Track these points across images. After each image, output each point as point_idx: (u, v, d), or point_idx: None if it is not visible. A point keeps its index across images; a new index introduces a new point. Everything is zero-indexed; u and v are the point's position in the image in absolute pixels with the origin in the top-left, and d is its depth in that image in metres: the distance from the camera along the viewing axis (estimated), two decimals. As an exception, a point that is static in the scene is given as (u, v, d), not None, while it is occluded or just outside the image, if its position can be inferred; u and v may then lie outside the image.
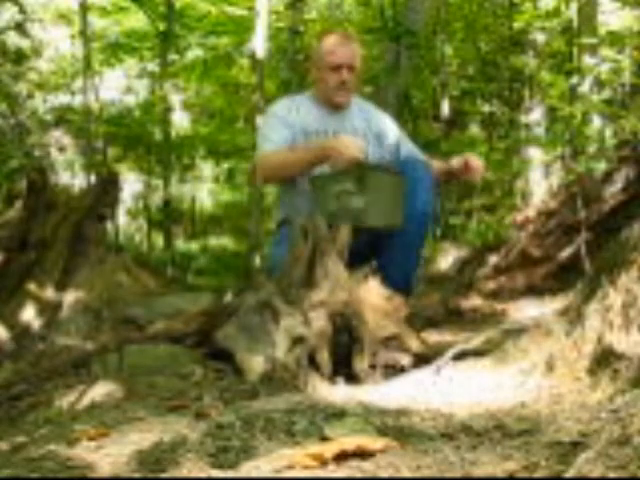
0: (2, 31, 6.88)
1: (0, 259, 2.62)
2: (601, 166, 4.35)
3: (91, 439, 1.32)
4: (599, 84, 5.20)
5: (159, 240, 9.87)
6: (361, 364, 1.97)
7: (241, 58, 10.18)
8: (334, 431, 1.25)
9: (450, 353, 1.90)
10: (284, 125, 2.80)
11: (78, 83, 8.58)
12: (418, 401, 1.59)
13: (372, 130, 2.90)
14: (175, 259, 8.41)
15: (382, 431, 1.28)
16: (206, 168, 12.76)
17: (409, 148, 2.98)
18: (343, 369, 1.96)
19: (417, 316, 2.88)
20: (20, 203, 2.72)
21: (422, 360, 2.01)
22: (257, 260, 6.30)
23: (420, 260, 2.87)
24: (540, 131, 7.40)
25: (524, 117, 7.67)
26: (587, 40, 5.15)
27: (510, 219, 5.36)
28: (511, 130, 7.89)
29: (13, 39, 7.19)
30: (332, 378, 1.91)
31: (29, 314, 2.45)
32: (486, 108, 8.46)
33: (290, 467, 1.09)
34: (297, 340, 1.92)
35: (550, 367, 1.58)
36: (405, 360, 2.03)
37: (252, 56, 7.12)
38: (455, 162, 2.83)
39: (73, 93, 9.11)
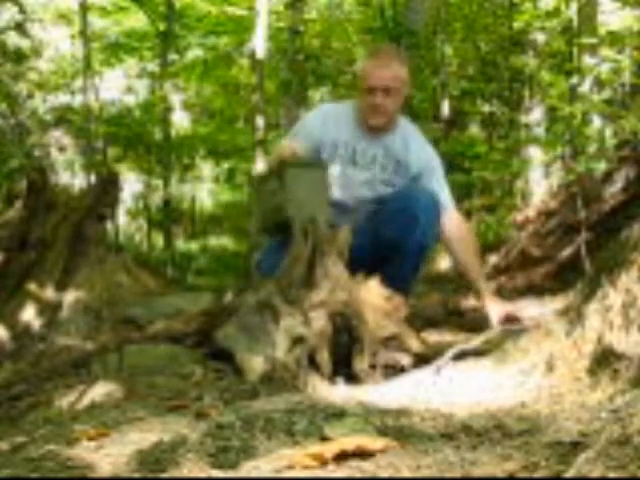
0: (2, 31, 6.88)
1: (0, 259, 2.62)
2: (601, 166, 4.35)
3: (91, 439, 1.32)
4: (599, 84, 5.20)
5: (159, 240, 9.87)
6: (361, 364, 1.96)
7: (241, 58, 10.18)
8: (334, 431, 1.25)
9: (450, 353, 1.90)
10: (307, 135, 2.79)
11: (78, 83, 8.57)
12: (418, 401, 1.59)
13: (406, 162, 2.79)
14: (175, 259, 8.41)
15: (382, 431, 1.28)
16: (206, 168, 12.75)
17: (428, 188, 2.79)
18: (343, 369, 1.96)
19: (417, 316, 2.88)
20: (20, 203, 2.72)
21: (422, 360, 2.01)
22: (257, 260, 6.30)
23: (411, 287, 2.84)
24: (540, 131, 7.39)
25: (524, 117, 7.66)
26: (587, 40, 5.15)
27: (510, 219, 5.36)
28: (511, 130, 7.88)
29: (13, 39, 7.19)
30: (332, 378, 1.91)
31: (29, 314, 2.45)
32: (486, 108, 8.46)
33: (290, 467, 1.09)
34: (297, 340, 1.92)
35: (550, 367, 1.58)
36: (405, 360, 2.03)
37: (252, 56, 7.12)
38: (492, 311, 2.60)
39: (73, 93, 9.10)
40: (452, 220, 2.76)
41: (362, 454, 1.11)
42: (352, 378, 1.94)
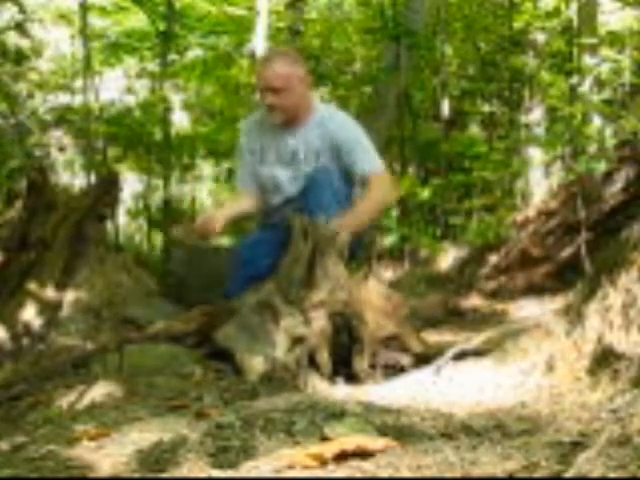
0: (2, 31, 6.88)
1: (0, 259, 2.62)
2: (601, 166, 4.35)
3: (91, 439, 1.32)
4: (599, 84, 5.19)
5: (159, 240, 9.86)
6: (361, 364, 1.97)
7: (241, 58, 10.17)
8: (334, 431, 1.25)
9: (450, 353, 1.90)
10: (245, 151, 2.92)
11: (78, 83, 8.57)
12: (418, 401, 1.59)
13: (326, 146, 2.75)
14: (175, 259, 8.39)
15: (382, 431, 1.28)
16: (206, 168, 12.74)
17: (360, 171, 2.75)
18: (343, 369, 1.96)
19: (417, 316, 2.88)
20: (20, 203, 2.72)
21: (422, 360, 2.01)
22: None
23: None
24: (540, 131, 7.38)
25: (524, 117, 7.66)
26: (587, 40, 5.15)
27: (510, 219, 5.36)
28: (511, 130, 7.88)
29: (13, 39, 7.18)
30: (332, 378, 1.91)
31: (29, 314, 2.44)
32: (486, 108, 8.45)
33: (290, 467, 1.08)
34: (297, 340, 1.92)
35: (550, 367, 1.58)
36: (405, 360, 2.03)
37: (252, 56, 7.11)
38: None
39: (73, 93, 9.09)
40: (368, 188, 2.70)
41: (362, 454, 1.11)
42: (352, 378, 1.95)
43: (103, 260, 2.64)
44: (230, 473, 1.11)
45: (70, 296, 2.51)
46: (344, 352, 1.98)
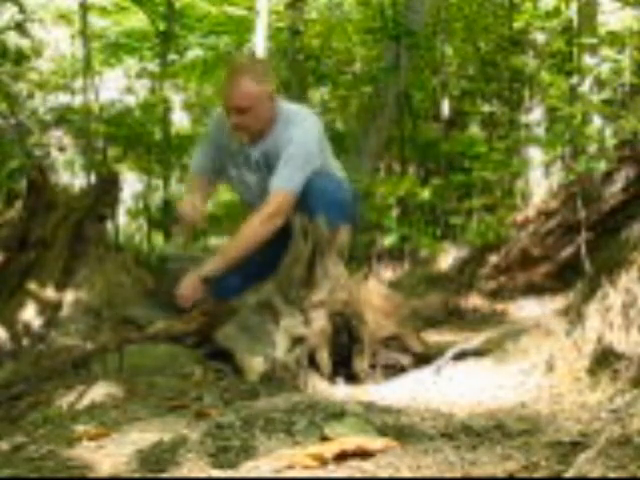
0: (2, 31, 6.88)
1: (0, 259, 2.62)
2: (601, 166, 4.35)
3: (91, 439, 1.32)
4: (599, 84, 5.19)
5: (159, 240, 9.86)
6: (361, 364, 1.97)
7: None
8: (334, 431, 1.25)
9: (450, 353, 1.90)
10: (210, 142, 2.90)
11: (78, 83, 8.57)
12: (418, 401, 1.59)
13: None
14: (175, 259, 8.37)
15: (382, 431, 1.28)
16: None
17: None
18: (343, 369, 1.96)
19: (417, 316, 2.89)
20: (20, 203, 2.72)
21: (422, 360, 2.01)
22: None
23: None
24: (540, 131, 7.38)
25: (524, 117, 7.65)
26: (587, 40, 5.15)
27: (510, 219, 5.36)
28: (511, 130, 7.87)
29: (13, 39, 7.18)
30: (332, 378, 1.91)
31: (29, 314, 2.44)
32: (486, 108, 8.45)
33: (290, 467, 1.08)
34: (297, 340, 1.92)
35: (550, 367, 1.58)
36: (405, 360, 2.03)
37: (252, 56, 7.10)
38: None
39: (73, 93, 9.09)
40: (258, 211, 2.61)
41: (362, 454, 1.11)
42: (352, 378, 1.95)
43: (103, 260, 2.64)
44: (230, 473, 1.11)
45: (70, 296, 2.51)
46: (344, 352, 1.98)
